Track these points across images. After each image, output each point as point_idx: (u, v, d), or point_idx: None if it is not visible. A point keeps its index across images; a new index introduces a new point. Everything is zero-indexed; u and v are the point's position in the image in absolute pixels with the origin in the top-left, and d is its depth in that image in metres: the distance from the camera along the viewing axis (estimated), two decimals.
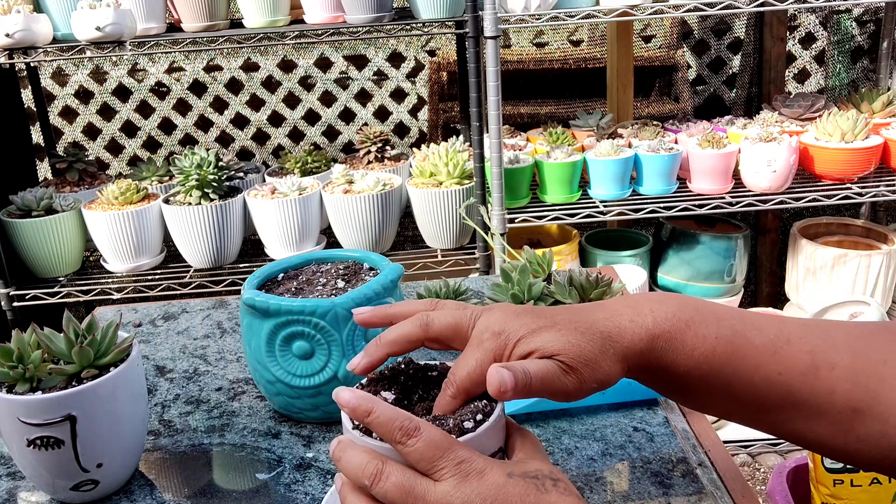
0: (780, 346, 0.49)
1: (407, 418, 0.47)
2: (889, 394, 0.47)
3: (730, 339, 0.50)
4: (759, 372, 0.49)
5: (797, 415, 0.49)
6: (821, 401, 0.48)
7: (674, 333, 0.50)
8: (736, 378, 0.49)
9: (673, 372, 0.50)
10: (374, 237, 1.73)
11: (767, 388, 0.49)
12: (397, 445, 0.47)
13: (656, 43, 2.57)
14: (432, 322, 0.52)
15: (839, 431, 0.49)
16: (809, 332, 0.50)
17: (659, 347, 0.50)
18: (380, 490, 0.46)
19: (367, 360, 0.53)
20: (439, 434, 0.47)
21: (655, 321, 0.50)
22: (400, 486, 0.46)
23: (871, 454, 0.49)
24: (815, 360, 0.48)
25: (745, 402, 0.50)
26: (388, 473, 0.46)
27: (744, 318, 0.51)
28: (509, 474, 0.46)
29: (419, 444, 0.46)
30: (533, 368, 0.48)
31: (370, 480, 0.46)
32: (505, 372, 0.47)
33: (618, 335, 0.50)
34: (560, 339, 0.49)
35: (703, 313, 0.51)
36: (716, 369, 0.49)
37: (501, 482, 0.45)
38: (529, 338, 0.49)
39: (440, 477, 0.46)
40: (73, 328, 0.69)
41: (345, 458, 0.48)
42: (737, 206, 1.76)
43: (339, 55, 2.55)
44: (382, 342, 0.53)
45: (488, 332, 0.50)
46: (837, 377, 0.48)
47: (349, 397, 0.48)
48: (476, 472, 0.45)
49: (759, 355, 0.49)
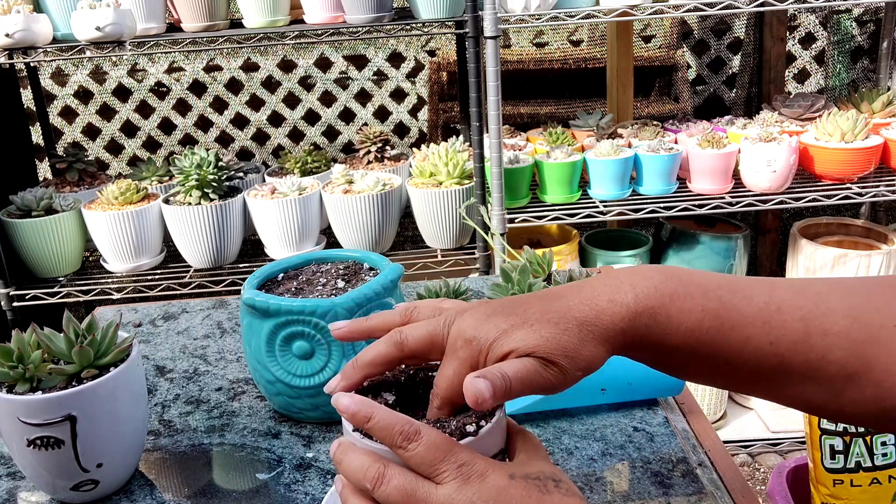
0: (771, 315, 0.48)
1: (407, 422, 0.46)
2: (885, 358, 0.46)
3: (717, 312, 0.48)
4: (749, 343, 0.48)
5: (790, 381, 0.48)
6: (813, 367, 0.47)
7: (657, 309, 0.48)
8: (726, 350, 0.48)
9: (661, 348, 0.49)
10: (374, 237, 1.73)
11: (759, 359, 0.48)
12: (398, 450, 0.46)
13: (656, 43, 2.57)
14: (406, 339, 0.51)
15: (832, 395, 0.48)
16: (801, 297, 0.49)
17: (643, 324, 0.48)
18: (381, 493, 0.46)
19: (344, 382, 0.53)
20: (440, 437, 0.46)
21: (637, 298, 0.48)
22: (402, 489, 0.46)
23: (866, 415, 0.48)
24: (808, 328, 0.47)
25: (737, 373, 0.49)
26: (389, 477, 0.46)
27: (732, 286, 0.50)
28: (511, 476, 0.46)
29: (420, 448, 0.46)
30: (511, 371, 0.47)
31: (372, 484, 0.46)
32: (480, 381, 0.46)
33: (595, 319, 0.48)
34: (534, 336, 0.47)
35: (687, 285, 0.49)
36: (705, 343, 0.48)
37: (503, 484, 0.45)
38: (502, 339, 0.48)
39: (442, 480, 0.45)
40: (73, 328, 0.69)
41: (346, 460, 0.48)
42: (737, 206, 1.76)
43: (339, 55, 2.55)
44: (359, 364, 0.52)
45: (461, 340, 0.49)
46: (831, 343, 0.47)
47: (348, 403, 0.48)
48: (478, 474, 0.45)
49: (749, 326, 0.48)
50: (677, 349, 0.49)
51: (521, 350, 0.47)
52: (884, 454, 1.22)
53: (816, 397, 0.49)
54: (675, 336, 0.48)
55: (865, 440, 1.22)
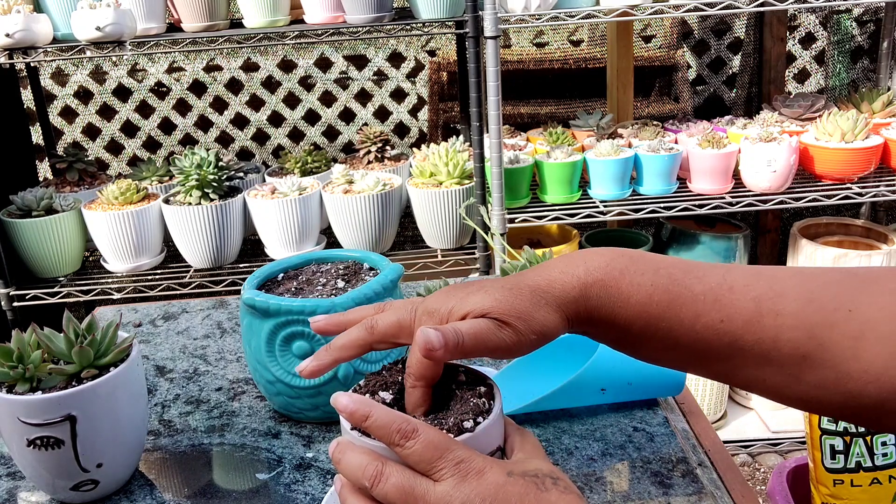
0: (723, 294, 0.49)
1: (404, 421, 0.47)
2: (838, 340, 0.46)
3: (666, 287, 0.49)
4: (700, 321, 0.49)
5: (745, 363, 0.49)
6: (766, 348, 0.48)
7: (608, 281, 0.50)
8: (677, 327, 0.49)
9: (613, 322, 0.50)
10: (374, 237, 1.73)
11: (710, 337, 0.49)
12: (396, 448, 0.47)
13: (656, 43, 2.57)
14: (376, 324, 0.53)
15: (790, 379, 0.48)
16: (756, 280, 0.49)
17: (594, 295, 0.50)
18: (380, 491, 0.46)
19: (315, 363, 0.54)
20: (437, 435, 0.47)
21: (587, 270, 0.50)
22: (400, 487, 0.46)
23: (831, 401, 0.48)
24: (760, 308, 0.48)
25: (691, 351, 0.50)
26: (387, 475, 0.46)
27: (685, 266, 0.51)
28: (509, 473, 0.46)
29: (417, 445, 0.46)
30: (464, 327, 0.48)
31: (370, 482, 0.47)
32: (430, 331, 0.47)
33: (547, 286, 0.50)
34: (488, 298, 0.49)
35: (638, 262, 0.51)
36: (655, 318, 0.49)
37: (501, 481, 0.45)
38: (459, 304, 0.50)
39: (439, 477, 0.46)
40: (73, 328, 0.69)
41: (344, 459, 0.49)
42: (737, 206, 1.76)
43: (339, 55, 2.55)
44: (331, 348, 0.54)
45: (425, 315, 0.51)
46: (782, 324, 0.47)
47: (346, 402, 0.48)
48: (475, 471, 0.46)
49: (699, 303, 0.49)
50: (630, 325, 0.50)
51: (476, 311, 0.49)
52: (884, 454, 1.22)
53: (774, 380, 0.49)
54: (626, 310, 0.50)
55: (866, 440, 1.22)
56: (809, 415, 1.25)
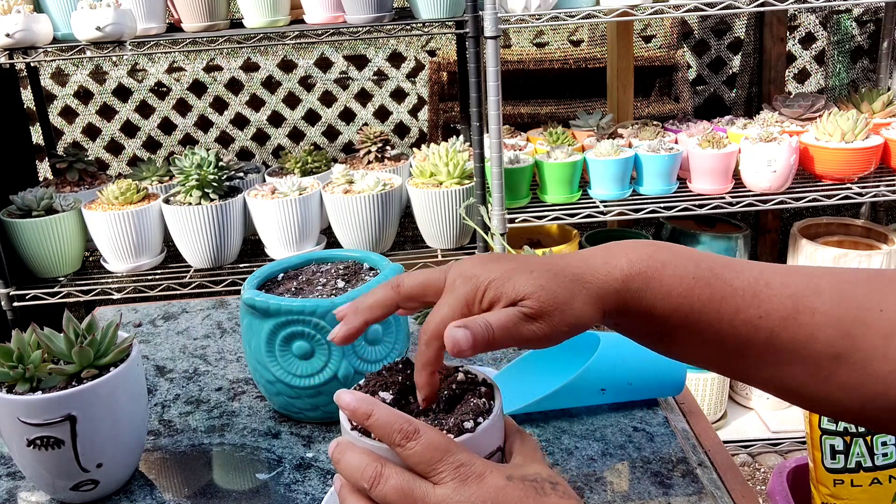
0: (760, 289, 0.49)
1: (406, 421, 0.47)
2: (870, 340, 0.47)
3: (708, 280, 0.49)
4: (739, 316, 0.48)
5: (777, 360, 0.49)
6: (800, 346, 0.48)
7: (650, 273, 0.49)
8: (717, 321, 0.49)
9: (652, 315, 0.50)
10: (374, 237, 1.73)
11: (748, 333, 0.48)
12: (396, 448, 0.47)
13: (656, 43, 2.57)
14: (402, 282, 0.52)
15: (820, 378, 0.48)
16: (791, 277, 0.49)
17: (635, 288, 0.49)
18: (378, 493, 0.46)
19: (345, 328, 0.53)
20: (438, 437, 0.47)
21: (630, 262, 0.50)
22: (399, 489, 0.46)
23: (851, 403, 0.48)
24: (797, 305, 0.48)
25: (725, 346, 0.50)
26: (387, 476, 0.46)
27: (724, 261, 0.51)
28: (508, 477, 0.46)
29: (418, 447, 0.46)
30: (494, 319, 0.47)
31: (369, 483, 0.47)
32: (458, 331, 0.46)
33: (591, 277, 0.49)
34: (531, 283, 0.48)
35: (679, 255, 0.50)
36: (696, 311, 0.49)
37: (501, 485, 0.45)
38: (501, 281, 0.49)
39: (439, 480, 0.46)
40: (73, 328, 0.69)
41: (344, 460, 0.49)
42: (737, 206, 1.76)
43: (339, 55, 2.55)
44: (359, 309, 0.53)
45: (460, 278, 0.50)
46: (818, 322, 0.47)
47: (349, 400, 0.48)
48: (475, 475, 0.46)
49: (739, 298, 0.48)
50: (669, 318, 0.50)
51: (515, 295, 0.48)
52: (884, 454, 1.22)
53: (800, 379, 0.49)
54: (666, 302, 0.49)
55: (866, 440, 1.22)
56: (810, 415, 1.25)
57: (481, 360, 0.91)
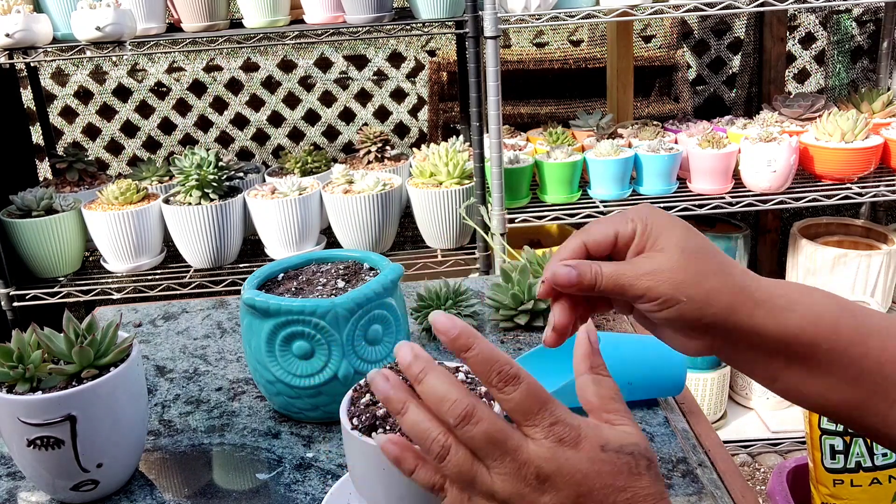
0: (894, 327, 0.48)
1: (507, 363, 0.43)
2: None
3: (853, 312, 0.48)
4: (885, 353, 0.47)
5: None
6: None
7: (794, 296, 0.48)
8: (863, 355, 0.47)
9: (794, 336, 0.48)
10: (374, 237, 1.73)
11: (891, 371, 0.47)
12: (492, 390, 0.43)
13: (656, 43, 2.57)
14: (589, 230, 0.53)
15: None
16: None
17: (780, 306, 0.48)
18: (465, 433, 0.42)
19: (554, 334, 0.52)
20: (537, 387, 0.43)
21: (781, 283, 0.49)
22: (489, 435, 0.42)
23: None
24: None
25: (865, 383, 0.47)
26: (479, 417, 0.42)
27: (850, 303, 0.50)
28: (603, 447, 0.43)
29: (516, 393, 0.43)
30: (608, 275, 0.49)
31: (457, 420, 0.42)
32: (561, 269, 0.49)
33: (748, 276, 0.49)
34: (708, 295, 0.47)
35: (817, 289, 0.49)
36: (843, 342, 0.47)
37: (594, 456, 0.43)
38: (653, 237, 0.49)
39: (532, 434, 0.43)
40: (73, 328, 0.69)
41: (428, 382, 0.43)
42: (737, 206, 1.76)
43: (339, 55, 2.55)
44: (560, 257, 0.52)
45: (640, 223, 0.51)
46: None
47: (448, 325, 0.43)
48: (571, 438, 0.43)
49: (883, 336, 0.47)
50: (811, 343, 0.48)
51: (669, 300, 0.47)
52: (884, 454, 1.22)
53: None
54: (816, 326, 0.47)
55: (866, 440, 1.22)
56: (809, 414, 1.25)
57: None
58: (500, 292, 0.98)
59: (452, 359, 0.92)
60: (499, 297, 0.98)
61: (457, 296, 0.97)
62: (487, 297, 1.00)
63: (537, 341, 0.94)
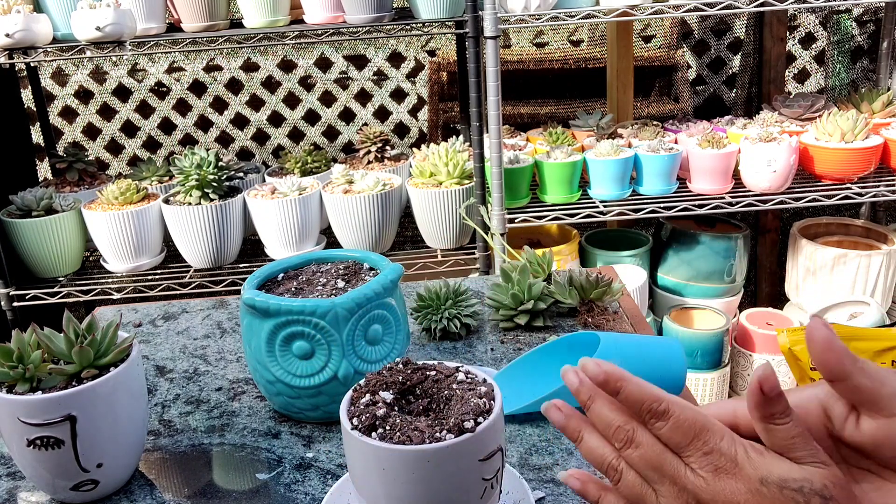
0: None
1: (656, 400, 0.45)
2: None
3: None
4: None
5: None
6: None
7: None
8: None
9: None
10: (374, 237, 1.73)
11: None
12: (647, 426, 0.45)
13: (656, 43, 2.57)
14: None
15: None
16: None
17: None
18: (627, 456, 0.45)
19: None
20: (688, 417, 0.44)
21: None
22: (646, 459, 0.45)
23: None
24: None
25: None
26: (638, 442, 0.45)
27: None
28: (763, 480, 0.42)
29: (666, 429, 0.44)
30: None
31: (620, 444, 0.45)
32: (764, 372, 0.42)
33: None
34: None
35: None
36: None
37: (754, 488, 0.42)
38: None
39: (690, 463, 0.44)
40: (73, 328, 0.69)
41: (595, 408, 0.47)
42: (737, 206, 1.76)
43: (339, 55, 2.55)
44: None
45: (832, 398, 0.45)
46: None
47: (597, 371, 0.46)
48: (727, 468, 0.43)
49: None
50: None
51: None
52: None
53: None
54: None
55: None
56: None
57: (481, 360, 0.91)
58: (500, 292, 0.98)
59: (453, 359, 0.92)
60: (499, 297, 0.98)
61: (457, 296, 0.97)
62: (487, 297, 1.00)
63: (537, 341, 0.94)
